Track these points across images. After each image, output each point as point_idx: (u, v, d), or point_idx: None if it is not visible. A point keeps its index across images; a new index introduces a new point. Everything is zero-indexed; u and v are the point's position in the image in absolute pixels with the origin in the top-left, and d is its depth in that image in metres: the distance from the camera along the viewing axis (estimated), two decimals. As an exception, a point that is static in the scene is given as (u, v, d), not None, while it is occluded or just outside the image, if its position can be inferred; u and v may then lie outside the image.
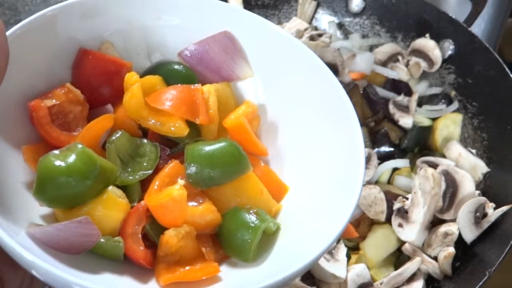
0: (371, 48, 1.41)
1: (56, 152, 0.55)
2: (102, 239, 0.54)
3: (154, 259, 0.57)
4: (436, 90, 1.34)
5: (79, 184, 0.54)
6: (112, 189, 0.56)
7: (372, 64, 1.31)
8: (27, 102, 0.59)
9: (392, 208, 1.07)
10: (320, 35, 1.39)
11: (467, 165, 1.15)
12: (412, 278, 1.01)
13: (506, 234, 0.99)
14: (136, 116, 0.61)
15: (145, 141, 0.62)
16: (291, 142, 0.65)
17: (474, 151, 1.20)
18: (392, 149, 1.21)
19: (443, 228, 1.04)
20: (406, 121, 1.23)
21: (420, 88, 1.34)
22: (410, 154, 1.23)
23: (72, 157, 0.54)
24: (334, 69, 1.21)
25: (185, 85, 0.63)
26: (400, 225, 1.05)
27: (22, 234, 0.52)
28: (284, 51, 0.65)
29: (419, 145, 1.25)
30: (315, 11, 1.49)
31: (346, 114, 0.61)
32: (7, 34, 0.54)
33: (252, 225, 0.58)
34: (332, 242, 0.53)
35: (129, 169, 0.60)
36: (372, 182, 1.14)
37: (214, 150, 0.59)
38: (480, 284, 0.93)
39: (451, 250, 1.02)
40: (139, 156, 0.61)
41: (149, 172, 0.60)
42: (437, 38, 1.33)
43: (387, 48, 1.37)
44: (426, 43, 1.33)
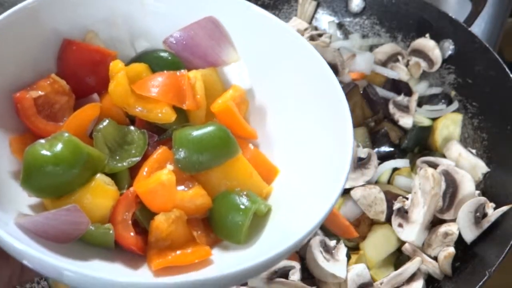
0: (371, 48, 1.41)
1: (42, 141, 0.55)
2: (92, 227, 0.54)
3: (145, 245, 0.57)
4: (436, 90, 1.33)
5: (66, 173, 0.54)
6: (100, 177, 0.56)
7: (372, 64, 1.31)
8: (13, 94, 0.59)
9: (392, 208, 1.07)
10: (320, 35, 1.38)
11: (467, 165, 1.15)
12: (412, 278, 1.00)
13: (506, 234, 0.99)
14: (123, 104, 0.61)
15: (133, 129, 0.62)
16: (281, 125, 0.65)
17: (474, 151, 1.19)
18: (392, 149, 1.21)
19: (443, 228, 1.04)
20: (406, 121, 1.23)
21: (420, 88, 1.34)
22: (410, 154, 1.23)
23: (59, 146, 0.54)
24: (334, 69, 1.20)
25: (171, 72, 0.62)
26: (400, 225, 1.05)
27: (11, 225, 0.51)
28: (270, 35, 0.64)
29: (419, 145, 1.25)
30: (315, 11, 1.48)
31: (335, 97, 0.60)
32: None
33: (243, 207, 0.57)
34: (320, 222, 0.54)
35: (117, 157, 0.59)
36: (372, 182, 1.13)
37: (202, 134, 0.58)
38: (480, 284, 0.92)
39: (451, 250, 1.02)
40: (127, 144, 0.61)
41: (138, 159, 0.59)
42: (437, 38, 1.33)
43: (387, 48, 1.37)
44: (426, 43, 1.33)
